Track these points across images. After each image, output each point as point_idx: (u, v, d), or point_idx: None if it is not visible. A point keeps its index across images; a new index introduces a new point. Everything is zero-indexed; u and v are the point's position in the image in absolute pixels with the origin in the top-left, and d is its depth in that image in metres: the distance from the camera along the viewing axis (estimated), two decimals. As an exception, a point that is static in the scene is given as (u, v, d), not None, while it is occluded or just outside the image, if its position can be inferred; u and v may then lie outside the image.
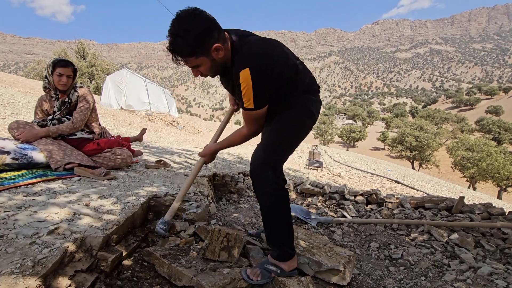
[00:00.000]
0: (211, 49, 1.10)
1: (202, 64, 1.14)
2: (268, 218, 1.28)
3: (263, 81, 1.12)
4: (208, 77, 1.26)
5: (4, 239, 0.99)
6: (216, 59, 1.13)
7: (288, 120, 1.27)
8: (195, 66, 1.15)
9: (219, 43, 1.11)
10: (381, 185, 5.11)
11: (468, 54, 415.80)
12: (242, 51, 1.14)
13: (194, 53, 1.09)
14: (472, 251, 1.90)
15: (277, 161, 1.25)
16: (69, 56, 25.51)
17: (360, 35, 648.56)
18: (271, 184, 1.21)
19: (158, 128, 9.57)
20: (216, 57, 1.13)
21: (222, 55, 1.14)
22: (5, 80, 9.93)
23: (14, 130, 1.99)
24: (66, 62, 2.10)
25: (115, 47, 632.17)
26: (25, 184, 1.54)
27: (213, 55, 1.11)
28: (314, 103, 1.32)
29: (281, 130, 1.27)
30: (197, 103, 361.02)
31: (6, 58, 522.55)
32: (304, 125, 1.30)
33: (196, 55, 1.09)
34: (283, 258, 1.26)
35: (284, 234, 1.27)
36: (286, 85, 1.23)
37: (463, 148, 26.32)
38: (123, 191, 1.70)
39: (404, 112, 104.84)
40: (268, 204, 1.24)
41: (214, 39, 1.09)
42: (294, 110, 1.27)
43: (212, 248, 1.28)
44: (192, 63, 1.13)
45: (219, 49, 1.11)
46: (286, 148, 1.28)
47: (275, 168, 1.23)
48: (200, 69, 1.17)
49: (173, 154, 3.84)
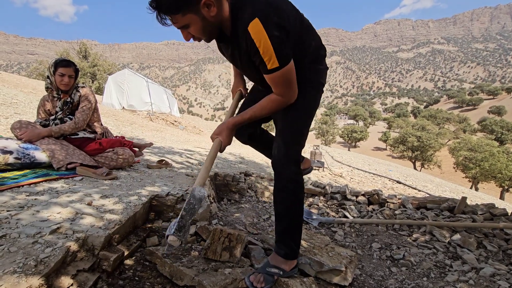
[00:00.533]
0: (200, 4, 0.94)
1: (191, 23, 0.98)
2: (285, 215, 1.24)
3: (279, 30, 0.95)
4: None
5: (7, 238, 1.00)
6: (208, 17, 0.97)
7: (304, 107, 1.18)
8: (184, 27, 0.99)
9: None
10: (383, 186, 5.10)
11: (470, 54, 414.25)
12: (245, 5, 0.98)
13: (180, 9, 0.93)
14: (475, 252, 1.89)
15: (299, 153, 1.21)
16: (71, 56, 25.60)
17: (362, 35, 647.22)
18: (293, 180, 1.18)
19: (160, 128, 9.59)
20: (207, 14, 0.97)
21: (215, 13, 0.97)
22: (8, 80, 9.98)
23: (17, 130, 2.00)
24: (68, 62, 2.11)
25: (117, 47, 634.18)
26: (28, 184, 1.55)
27: (203, 12, 0.96)
28: (322, 73, 1.22)
29: (297, 118, 1.18)
30: (198, 103, 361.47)
31: (9, 58, 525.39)
32: (316, 104, 1.22)
33: (183, 11, 0.94)
34: (290, 257, 1.24)
35: (297, 232, 1.25)
36: (297, 45, 1.08)
37: (466, 149, 26.23)
38: (125, 191, 1.71)
39: (406, 112, 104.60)
40: (286, 200, 1.21)
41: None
42: (306, 91, 1.16)
43: (214, 248, 1.28)
44: (180, 22, 0.97)
45: (210, 5, 0.95)
46: (305, 134, 1.23)
47: (297, 162, 1.20)
48: (190, 31, 1.01)
49: (175, 154, 3.84)
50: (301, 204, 1.25)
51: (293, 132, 1.19)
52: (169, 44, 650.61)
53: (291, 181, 1.19)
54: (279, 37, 0.95)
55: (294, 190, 1.20)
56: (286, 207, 1.23)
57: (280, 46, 0.96)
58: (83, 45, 27.52)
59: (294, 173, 1.19)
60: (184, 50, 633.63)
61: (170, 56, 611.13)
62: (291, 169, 1.18)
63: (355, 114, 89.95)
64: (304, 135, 1.23)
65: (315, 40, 1.17)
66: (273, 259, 1.25)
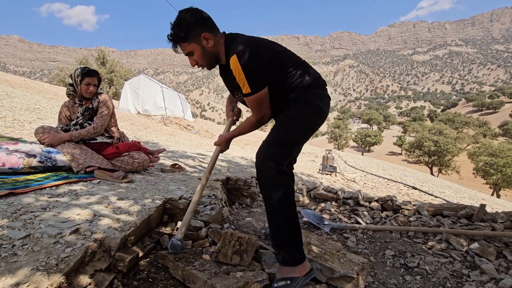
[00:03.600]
0: (200, 36, 1.23)
1: (194, 51, 1.26)
2: (272, 216, 1.25)
3: (251, 64, 1.18)
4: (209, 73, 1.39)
5: (30, 238, 1.05)
6: (206, 47, 1.26)
7: (291, 115, 1.30)
8: (189, 54, 1.28)
9: (208, 33, 1.24)
10: (398, 191, 4.98)
11: (490, 55, 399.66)
12: (232, 44, 1.25)
13: (186, 39, 1.23)
14: (494, 261, 1.82)
15: (279, 153, 1.24)
16: (90, 63, 26.59)
17: (376, 38, 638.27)
18: (274, 177, 1.21)
19: (173, 132, 9.77)
20: (206, 45, 1.25)
21: (212, 45, 1.26)
22: (32, 87, 10.48)
23: (40, 134, 2.11)
24: (93, 72, 2.23)
25: (133, 54, 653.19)
26: (50, 186, 1.62)
27: (203, 43, 1.25)
28: (321, 97, 1.32)
29: (282, 124, 1.31)
30: (211, 107, 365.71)
31: (32, 65, 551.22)
32: (307, 119, 1.30)
33: (188, 40, 1.24)
34: (289, 263, 1.21)
35: (289, 234, 1.22)
36: (281, 76, 1.29)
37: (486, 154, 25.22)
38: (140, 194, 1.76)
39: (422, 116, 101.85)
40: (271, 198, 1.22)
41: (204, 29, 1.24)
42: (298, 105, 1.30)
43: (225, 252, 1.30)
44: (186, 49, 1.27)
45: (208, 38, 1.24)
46: (289, 141, 1.28)
47: (277, 161, 1.22)
48: (194, 58, 1.29)
49: (188, 158, 3.91)
50: (289, 203, 1.23)
51: (276, 135, 1.29)
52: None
53: (272, 178, 1.21)
54: (251, 68, 1.19)
55: (276, 187, 1.21)
56: (271, 205, 1.23)
57: (251, 76, 1.19)
58: (101, 52, 28.53)
59: (274, 171, 1.21)
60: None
61: (184, 61, 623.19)
62: (269, 166, 1.22)
63: (368, 118, 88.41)
64: (287, 142, 1.28)
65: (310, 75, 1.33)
66: (279, 272, 1.23)
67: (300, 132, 1.30)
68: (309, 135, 1.34)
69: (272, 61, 1.26)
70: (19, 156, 1.78)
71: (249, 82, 1.20)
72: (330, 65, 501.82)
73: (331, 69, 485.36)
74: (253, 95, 1.24)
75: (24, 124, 3.70)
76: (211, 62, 1.33)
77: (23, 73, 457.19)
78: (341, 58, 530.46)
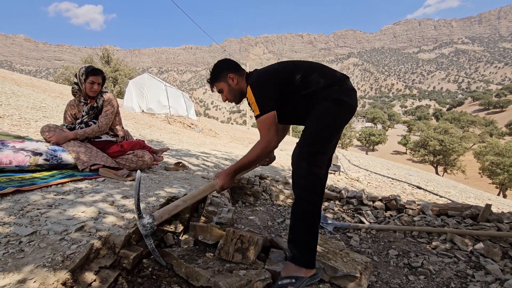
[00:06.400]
0: (227, 77, 1.52)
1: (223, 88, 1.55)
2: (296, 212, 1.31)
3: (261, 90, 1.38)
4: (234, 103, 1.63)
5: (37, 235, 1.07)
6: (232, 85, 1.53)
7: (315, 115, 1.37)
8: (220, 91, 1.58)
9: (233, 74, 1.52)
10: (402, 191, 4.95)
11: (497, 54, 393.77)
12: (248, 79, 1.50)
13: (217, 79, 1.55)
14: (499, 262, 1.80)
15: (312, 152, 1.30)
16: (94, 62, 26.74)
17: (381, 36, 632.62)
18: (306, 176, 1.28)
19: (177, 130, 9.82)
20: (232, 84, 1.53)
21: (236, 83, 1.53)
22: (38, 86, 10.59)
23: (46, 133, 2.14)
24: (97, 71, 2.24)
25: (137, 52, 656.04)
26: (56, 184, 1.64)
27: (229, 81, 1.53)
28: (341, 91, 1.39)
29: (308, 125, 1.38)
30: (214, 106, 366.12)
31: (38, 64, 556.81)
32: (330, 114, 1.36)
33: (218, 81, 1.55)
34: (298, 262, 1.25)
35: (307, 236, 1.27)
36: (295, 89, 1.41)
37: (492, 153, 24.89)
38: (144, 192, 1.77)
39: (427, 115, 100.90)
40: (300, 196, 1.29)
41: (230, 71, 1.52)
42: (320, 104, 1.37)
43: (226, 249, 1.31)
44: (217, 87, 1.57)
45: (233, 78, 1.52)
46: (317, 138, 1.34)
47: (309, 160, 1.29)
48: (224, 94, 1.57)
49: (191, 157, 3.93)
50: (315, 206, 1.29)
51: (306, 135, 1.36)
52: (187, 48, 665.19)
53: (302, 177, 1.29)
54: (260, 93, 1.37)
55: (305, 186, 1.28)
56: (297, 203, 1.31)
57: (259, 98, 1.36)
58: (106, 51, 28.69)
59: (306, 171, 1.28)
60: (201, 54, 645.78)
61: (188, 60, 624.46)
62: (302, 165, 1.29)
63: (373, 117, 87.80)
64: (318, 140, 1.34)
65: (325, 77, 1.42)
66: (284, 270, 1.27)
67: (325, 127, 1.36)
68: (336, 130, 1.39)
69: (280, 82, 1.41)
70: (26, 154, 1.81)
71: (258, 103, 1.36)
72: (334, 63, 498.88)
73: (335, 67, 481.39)
74: (262, 116, 1.35)
75: (30, 122, 3.74)
76: (236, 96, 1.57)
77: (29, 72, 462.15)
78: (345, 57, 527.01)
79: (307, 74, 1.42)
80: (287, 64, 1.48)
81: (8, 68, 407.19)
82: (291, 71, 1.43)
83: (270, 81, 1.40)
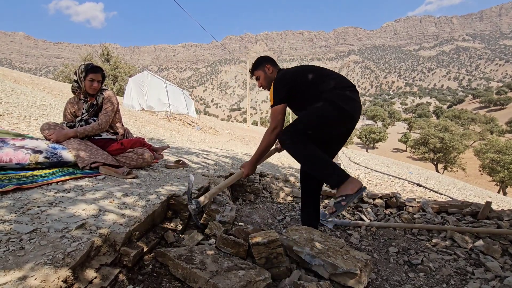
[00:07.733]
0: (265, 67, 1.96)
1: (260, 75, 1.97)
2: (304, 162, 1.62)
3: (277, 87, 1.77)
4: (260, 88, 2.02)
5: (37, 233, 1.07)
6: (268, 74, 1.96)
7: (310, 109, 1.67)
8: (257, 78, 1.99)
9: (270, 65, 1.96)
10: (402, 188, 4.95)
11: (498, 51, 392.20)
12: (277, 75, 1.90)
13: (257, 68, 1.99)
14: (499, 259, 1.80)
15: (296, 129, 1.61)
16: (94, 59, 26.64)
17: (381, 33, 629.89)
18: (290, 137, 1.60)
19: (177, 128, 9.81)
20: (267, 72, 1.96)
21: (271, 71, 1.96)
22: (37, 83, 10.57)
23: (46, 131, 2.14)
24: (97, 68, 2.23)
25: (137, 50, 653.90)
26: (56, 182, 1.65)
27: (266, 70, 1.96)
28: (344, 98, 1.63)
29: (302, 114, 1.71)
30: (214, 103, 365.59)
31: (38, 62, 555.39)
32: (325, 113, 1.61)
33: (258, 69, 1.99)
34: (337, 184, 1.52)
35: (320, 166, 1.56)
36: (307, 89, 1.74)
37: (493, 151, 24.86)
38: (145, 190, 1.77)
39: (428, 113, 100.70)
40: (293, 151, 1.61)
41: (267, 63, 1.97)
42: (319, 102, 1.65)
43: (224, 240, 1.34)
44: (256, 74, 2.00)
45: (269, 68, 1.96)
46: (304, 124, 1.63)
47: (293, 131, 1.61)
48: (260, 81, 1.98)
49: (192, 154, 3.93)
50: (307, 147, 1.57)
51: (295, 121, 1.68)
52: (187, 46, 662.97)
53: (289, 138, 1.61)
54: (276, 89, 1.76)
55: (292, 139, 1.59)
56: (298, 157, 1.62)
57: (275, 92, 1.75)
58: (105, 48, 28.58)
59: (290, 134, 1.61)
60: (201, 52, 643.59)
61: (188, 57, 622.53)
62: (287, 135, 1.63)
63: (373, 114, 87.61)
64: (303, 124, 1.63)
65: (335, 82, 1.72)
66: (337, 193, 1.54)
67: (314, 121, 1.62)
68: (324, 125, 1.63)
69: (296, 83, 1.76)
70: (26, 152, 1.81)
71: (273, 96, 1.75)
72: (334, 61, 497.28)
73: (336, 65, 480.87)
74: (273, 106, 1.75)
75: (30, 120, 3.74)
76: (269, 84, 1.93)
77: (29, 69, 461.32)
78: (346, 54, 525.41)
79: (324, 77, 1.73)
80: (306, 67, 1.82)
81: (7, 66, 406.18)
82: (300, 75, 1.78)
83: (287, 80, 1.76)
